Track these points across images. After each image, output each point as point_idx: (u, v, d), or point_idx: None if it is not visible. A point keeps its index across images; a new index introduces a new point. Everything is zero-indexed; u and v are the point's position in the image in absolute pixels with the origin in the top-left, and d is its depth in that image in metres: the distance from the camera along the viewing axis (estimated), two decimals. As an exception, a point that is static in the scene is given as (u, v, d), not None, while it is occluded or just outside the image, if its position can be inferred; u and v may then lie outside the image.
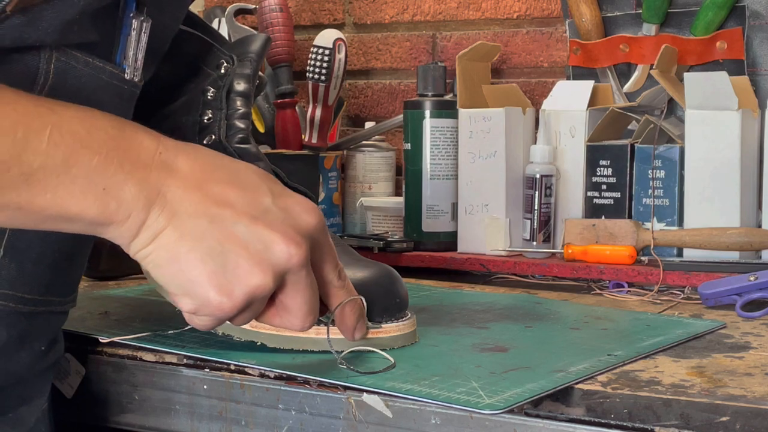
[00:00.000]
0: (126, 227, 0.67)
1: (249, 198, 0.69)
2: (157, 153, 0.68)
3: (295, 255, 0.69)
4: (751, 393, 0.71)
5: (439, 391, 0.73)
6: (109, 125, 0.67)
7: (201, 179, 0.69)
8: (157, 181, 0.67)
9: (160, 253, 0.67)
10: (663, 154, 1.23)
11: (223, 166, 0.71)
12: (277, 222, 0.69)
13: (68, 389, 0.90)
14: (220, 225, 0.68)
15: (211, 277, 0.67)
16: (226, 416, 0.82)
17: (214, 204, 0.68)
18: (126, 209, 0.66)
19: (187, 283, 0.68)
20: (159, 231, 0.67)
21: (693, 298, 1.11)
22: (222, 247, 0.67)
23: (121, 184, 0.66)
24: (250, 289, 0.68)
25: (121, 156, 0.66)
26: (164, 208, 0.67)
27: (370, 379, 0.76)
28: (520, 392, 0.72)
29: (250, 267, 0.68)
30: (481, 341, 0.88)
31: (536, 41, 1.58)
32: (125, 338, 0.89)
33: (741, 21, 1.30)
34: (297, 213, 0.71)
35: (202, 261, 0.67)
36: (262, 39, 1.02)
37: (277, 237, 0.68)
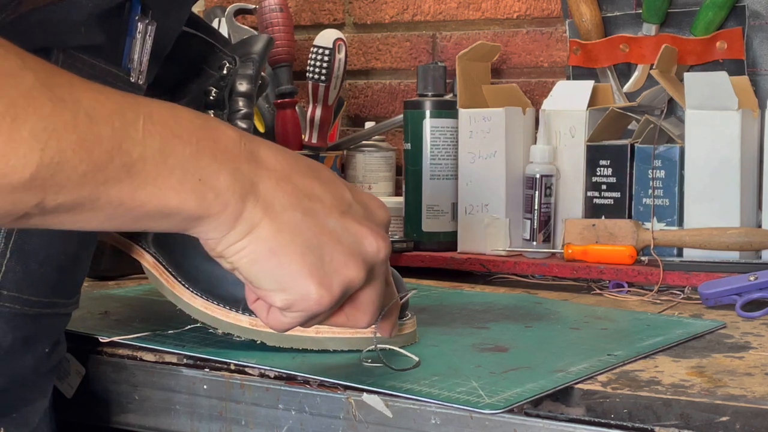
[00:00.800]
0: (222, 220, 0.64)
1: (333, 193, 0.69)
2: (242, 143, 0.66)
3: (383, 249, 0.69)
4: (751, 393, 0.71)
5: (439, 391, 0.73)
6: (193, 116, 0.65)
7: (288, 172, 0.67)
8: (249, 171, 0.65)
9: (257, 246, 0.66)
10: (663, 154, 1.23)
11: (302, 161, 0.70)
12: (361, 217, 0.69)
13: (68, 389, 0.90)
14: (314, 218, 0.67)
15: (311, 270, 0.66)
16: (226, 416, 0.82)
17: (306, 197, 0.67)
18: (223, 200, 0.64)
19: (286, 277, 0.66)
20: (256, 223, 0.65)
21: (693, 298, 1.11)
22: (318, 240, 0.67)
23: (216, 174, 0.64)
24: (347, 282, 0.68)
25: (212, 146, 0.64)
26: (258, 199, 0.65)
27: (369, 378, 0.76)
28: (520, 392, 0.72)
29: (345, 260, 0.67)
30: (481, 341, 0.88)
31: (536, 41, 1.58)
32: (125, 338, 0.89)
33: (741, 21, 1.30)
34: (373, 208, 0.71)
35: (302, 254, 0.66)
36: (264, 40, 1.02)
37: (366, 231, 0.69)
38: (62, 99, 0.58)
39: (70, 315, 0.86)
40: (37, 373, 0.83)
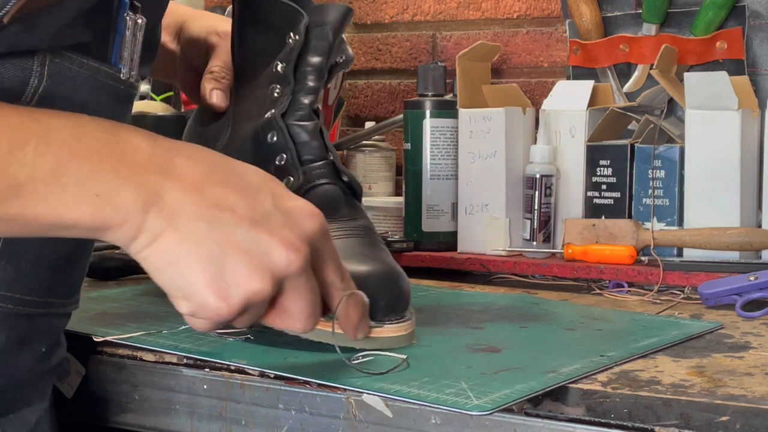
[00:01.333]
0: (123, 231, 0.66)
1: (249, 201, 0.69)
2: (154, 155, 0.67)
3: (294, 261, 0.68)
4: (751, 393, 0.71)
5: (428, 393, 0.73)
6: (101, 131, 0.67)
7: (200, 181, 0.68)
8: (155, 183, 0.67)
9: (159, 256, 0.67)
10: (663, 154, 1.23)
11: (223, 168, 0.70)
12: (277, 227, 0.69)
13: (68, 389, 0.90)
14: (220, 229, 0.67)
15: (210, 281, 0.67)
16: (226, 416, 0.82)
17: (214, 207, 0.68)
18: (122, 214, 0.66)
19: (186, 287, 0.67)
20: (158, 234, 0.67)
21: (693, 298, 1.11)
22: (221, 251, 0.67)
23: (116, 189, 0.66)
24: (247, 295, 0.67)
25: (115, 161, 0.66)
26: (162, 210, 0.67)
27: (360, 380, 0.76)
28: (509, 393, 0.72)
29: (248, 272, 0.67)
30: (474, 341, 0.88)
31: (536, 41, 1.58)
32: (119, 337, 0.89)
33: (741, 21, 1.30)
34: (298, 217, 0.70)
35: (201, 265, 0.67)
36: (341, 10, 0.97)
37: (277, 242, 0.68)
38: None
39: (69, 315, 0.86)
40: (34, 374, 0.83)
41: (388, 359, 0.81)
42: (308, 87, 0.94)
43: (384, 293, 0.84)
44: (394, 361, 0.80)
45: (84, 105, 0.76)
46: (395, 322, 0.85)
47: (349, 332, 0.77)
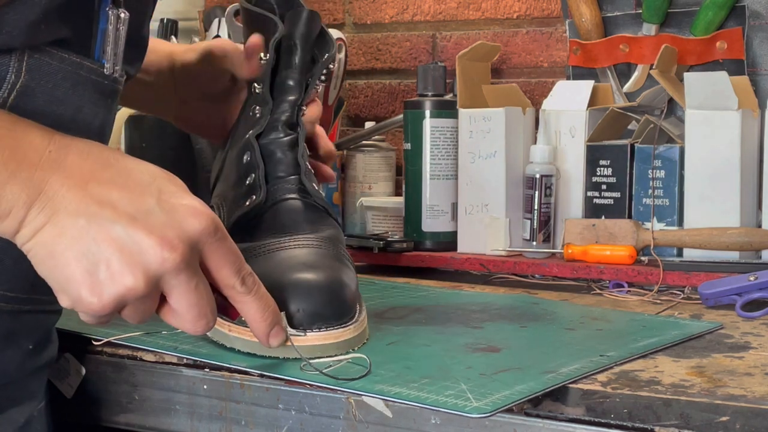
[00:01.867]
0: (7, 224, 0.68)
1: (132, 199, 0.70)
2: (47, 151, 0.69)
3: (168, 259, 0.68)
4: (751, 393, 0.71)
5: (427, 394, 0.73)
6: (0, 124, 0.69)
7: (86, 178, 0.69)
8: (41, 179, 0.68)
9: (39, 249, 0.68)
10: (663, 154, 1.23)
11: (113, 165, 0.71)
12: (157, 225, 0.69)
13: (68, 389, 0.90)
14: (98, 224, 0.68)
15: (84, 276, 0.68)
16: (226, 416, 0.82)
17: (95, 203, 0.69)
18: (6, 207, 0.67)
19: (63, 280, 0.68)
20: (38, 228, 0.68)
21: (693, 298, 1.11)
22: (97, 246, 0.68)
23: (2, 183, 0.67)
24: (120, 291, 0.68)
25: (7, 155, 0.67)
26: (45, 205, 0.68)
27: (359, 382, 0.76)
28: (508, 394, 0.72)
29: (121, 269, 0.68)
30: (474, 341, 0.88)
31: (536, 41, 1.58)
32: (118, 338, 0.89)
33: (741, 21, 1.30)
34: (182, 216, 0.70)
35: (77, 259, 0.68)
36: (302, 17, 0.97)
37: (153, 240, 0.68)
38: None
39: (59, 312, 0.85)
40: (21, 371, 0.82)
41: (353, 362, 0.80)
42: (285, 102, 0.96)
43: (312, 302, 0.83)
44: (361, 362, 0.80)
45: (66, 100, 0.76)
46: (324, 330, 0.83)
47: (260, 338, 0.77)
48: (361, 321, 0.86)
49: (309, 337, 0.81)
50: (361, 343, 0.85)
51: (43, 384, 0.87)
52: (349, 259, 0.91)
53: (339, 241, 0.93)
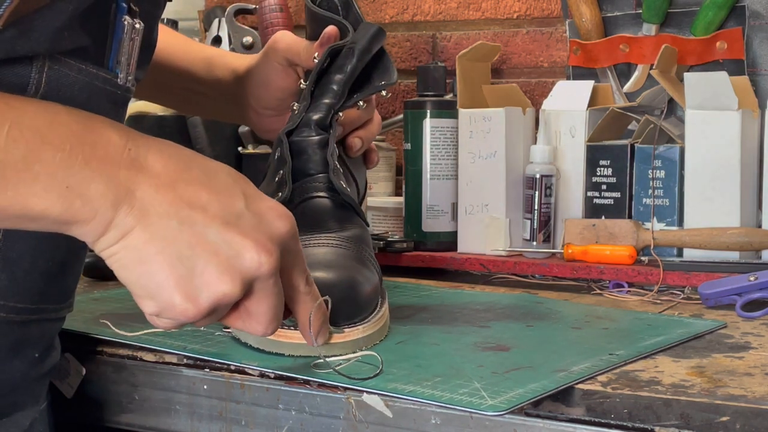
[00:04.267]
0: (92, 226, 0.65)
1: (222, 202, 0.68)
2: (126, 150, 0.66)
3: (265, 263, 0.67)
4: (751, 393, 0.71)
5: (441, 393, 0.73)
6: (73, 120, 0.65)
7: (173, 179, 0.67)
8: (127, 178, 0.65)
9: (126, 253, 0.65)
10: (663, 154, 1.23)
11: (196, 166, 0.69)
12: (249, 228, 0.68)
13: (68, 389, 0.90)
14: (191, 228, 0.66)
15: (179, 282, 0.66)
16: (226, 416, 0.82)
17: (187, 206, 0.66)
18: (92, 207, 0.64)
19: (153, 286, 0.66)
20: (127, 231, 0.65)
21: (693, 298, 1.11)
22: (191, 251, 0.66)
23: (87, 181, 0.64)
24: (216, 297, 0.66)
25: (87, 152, 0.64)
26: (133, 207, 0.65)
27: (372, 381, 0.76)
28: (522, 392, 0.72)
29: (218, 274, 0.66)
30: (482, 340, 0.88)
31: (536, 41, 1.58)
32: (128, 335, 0.89)
33: (741, 21, 1.30)
34: (270, 219, 0.69)
35: (170, 265, 0.65)
36: (369, 30, 0.98)
37: (249, 244, 0.67)
38: None
39: (63, 319, 0.85)
40: (27, 378, 0.82)
41: (363, 361, 0.80)
42: (322, 104, 0.95)
43: (340, 302, 0.83)
44: (371, 360, 0.80)
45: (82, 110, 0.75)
46: (358, 325, 0.84)
47: (308, 339, 0.76)
48: (374, 321, 0.86)
49: (347, 333, 0.82)
50: (371, 343, 0.85)
51: (45, 387, 0.87)
52: (371, 259, 0.92)
53: (362, 241, 0.93)
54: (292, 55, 1.05)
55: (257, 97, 1.09)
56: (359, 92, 0.98)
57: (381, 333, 0.87)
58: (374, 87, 0.98)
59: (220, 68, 1.11)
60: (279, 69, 1.07)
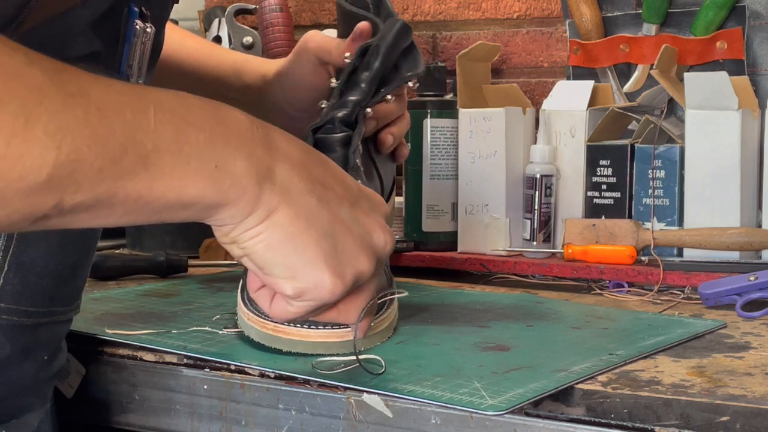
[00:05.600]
0: (241, 206, 0.64)
1: (343, 184, 0.69)
2: (255, 128, 0.65)
3: (389, 243, 0.69)
4: (751, 393, 0.71)
5: (441, 392, 0.73)
6: (203, 102, 0.64)
7: (303, 159, 0.67)
8: (264, 156, 0.64)
9: (273, 231, 0.65)
10: (663, 154, 1.23)
11: (312, 150, 0.70)
12: (367, 209, 0.69)
13: (68, 389, 0.90)
14: (328, 206, 0.66)
15: (327, 259, 0.66)
16: (226, 416, 0.82)
17: (320, 184, 0.67)
18: (241, 186, 0.63)
19: (300, 264, 0.65)
20: (273, 208, 0.64)
21: (693, 298, 1.11)
22: (332, 228, 0.66)
23: (231, 159, 0.63)
24: (358, 272, 0.67)
25: (225, 132, 0.63)
26: (275, 184, 0.64)
27: (372, 380, 0.76)
28: (522, 392, 0.72)
29: (357, 250, 0.67)
30: (483, 340, 0.88)
31: (536, 41, 1.58)
32: (130, 333, 0.89)
33: (741, 21, 1.30)
34: (377, 202, 0.71)
35: (317, 242, 0.65)
36: (393, 26, 0.97)
37: (374, 224, 0.69)
38: (72, 94, 0.57)
39: (71, 320, 0.85)
40: (37, 380, 0.82)
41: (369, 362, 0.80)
42: (347, 101, 0.95)
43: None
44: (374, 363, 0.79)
45: None
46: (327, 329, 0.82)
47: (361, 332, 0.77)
48: (376, 323, 0.85)
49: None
50: (371, 344, 0.84)
51: (51, 389, 0.87)
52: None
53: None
54: (323, 53, 1.04)
55: (290, 100, 1.08)
56: (385, 86, 0.97)
57: (382, 335, 0.87)
58: (400, 79, 0.98)
59: (249, 74, 1.10)
60: (311, 69, 1.06)
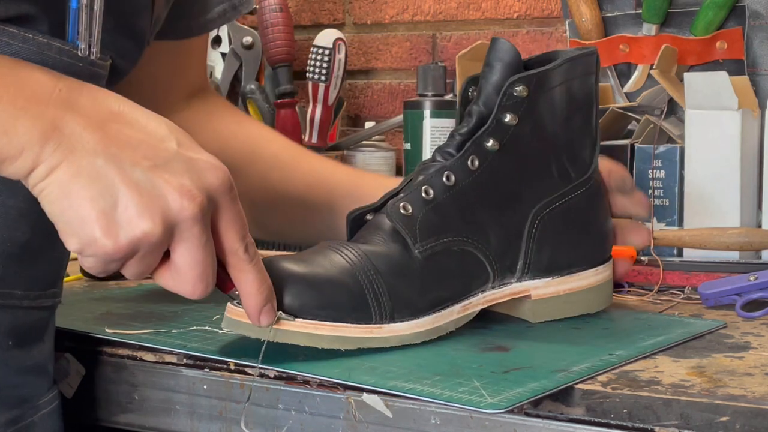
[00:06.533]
0: (20, 162, 0.66)
1: (151, 145, 0.68)
2: (57, 90, 0.67)
3: (187, 207, 0.67)
4: (751, 393, 0.71)
5: (441, 391, 0.73)
6: (1, 63, 0.67)
7: (104, 119, 0.68)
8: (55, 116, 0.66)
9: (53, 188, 0.67)
10: (663, 154, 1.23)
11: (129, 111, 0.69)
12: (176, 173, 0.68)
13: (68, 389, 0.90)
14: (118, 166, 0.67)
15: (99, 217, 0.66)
16: (226, 416, 0.82)
17: (114, 144, 0.67)
18: (18, 143, 0.65)
19: (76, 221, 0.67)
20: (54, 166, 0.66)
21: (693, 298, 1.11)
22: (116, 188, 0.66)
23: (11, 119, 0.65)
24: (135, 235, 0.67)
25: (12, 93, 0.66)
26: (61, 143, 0.66)
27: (372, 378, 0.76)
28: (522, 392, 0.72)
29: (139, 212, 0.67)
30: (482, 340, 0.88)
31: (536, 41, 1.58)
32: (130, 332, 0.89)
33: (741, 21, 1.30)
34: (201, 168, 0.69)
35: (92, 200, 0.66)
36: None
37: (173, 187, 0.67)
38: None
39: (46, 309, 0.84)
40: (5, 369, 0.80)
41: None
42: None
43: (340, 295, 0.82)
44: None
45: None
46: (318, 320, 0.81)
47: (252, 313, 0.75)
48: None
49: (300, 323, 0.80)
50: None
51: (39, 387, 0.85)
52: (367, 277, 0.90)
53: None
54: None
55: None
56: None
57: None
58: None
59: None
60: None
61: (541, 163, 0.93)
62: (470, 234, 0.89)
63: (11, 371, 0.82)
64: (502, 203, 0.91)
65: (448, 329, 0.88)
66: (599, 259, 0.98)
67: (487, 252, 0.90)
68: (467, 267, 0.89)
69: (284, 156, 1.10)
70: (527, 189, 0.92)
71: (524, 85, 0.90)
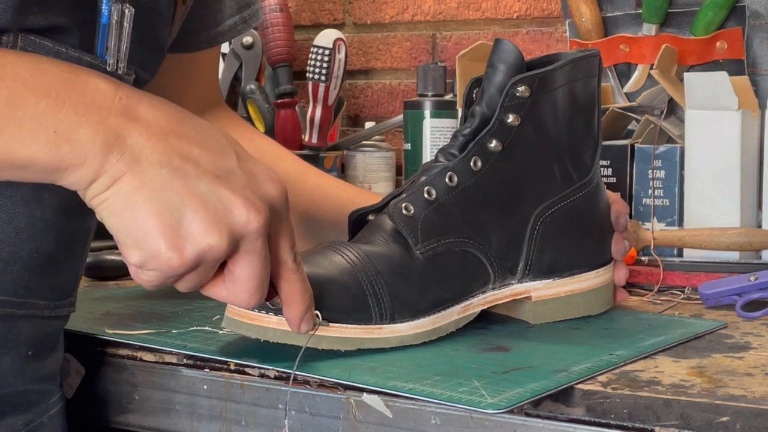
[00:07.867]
0: (82, 172, 0.64)
1: (213, 157, 0.68)
2: (117, 98, 0.66)
3: (254, 220, 0.67)
4: (751, 393, 0.71)
5: (441, 391, 0.73)
6: (59, 69, 0.65)
7: (166, 130, 0.67)
8: (117, 125, 0.65)
9: (116, 199, 0.65)
10: (663, 154, 1.23)
11: (189, 121, 0.69)
12: (239, 185, 0.67)
13: (68, 389, 0.90)
14: (182, 179, 0.66)
15: (165, 230, 0.65)
16: (226, 416, 0.82)
17: (178, 156, 0.66)
18: (81, 152, 0.64)
19: (139, 234, 0.65)
20: (118, 177, 0.65)
21: (693, 298, 1.11)
22: (181, 201, 0.65)
23: (74, 126, 0.64)
24: (202, 249, 0.66)
25: (74, 99, 0.64)
26: (124, 153, 0.65)
27: (372, 378, 0.76)
28: (522, 392, 0.72)
29: (206, 226, 0.66)
30: (482, 341, 0.88)
31: (536, 41, 1.59)
32: (129, 333, 0.89)
33: (741, 21, 1.30)
34: (261, 180, 0.69)
35: (158, 213, 0.65)
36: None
37: (238, 200, 0.67)
38: None
39: (62, 318, 0.84)
40: (21, 378, 0.81)
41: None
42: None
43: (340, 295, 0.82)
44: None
45: None
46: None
47: (293, 321, 0.75)
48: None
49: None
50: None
51: (50, 391, 0.85)
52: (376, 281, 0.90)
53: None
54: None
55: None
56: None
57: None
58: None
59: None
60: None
61: (544, 165, 0.93)
62: (472, 235, 0.89)
63: (27, 380, 0.82)
64: (504, 204, 0.91)
65: (449, 330, 0.88)
66: (600, 261, 0.98)
67: (488, 253, 0.90)
68: (468, 268, 0.89)
69: (293, 173, 1.11)
70: (529, 190, 0.92)
71: (526, 86, 0.90)
